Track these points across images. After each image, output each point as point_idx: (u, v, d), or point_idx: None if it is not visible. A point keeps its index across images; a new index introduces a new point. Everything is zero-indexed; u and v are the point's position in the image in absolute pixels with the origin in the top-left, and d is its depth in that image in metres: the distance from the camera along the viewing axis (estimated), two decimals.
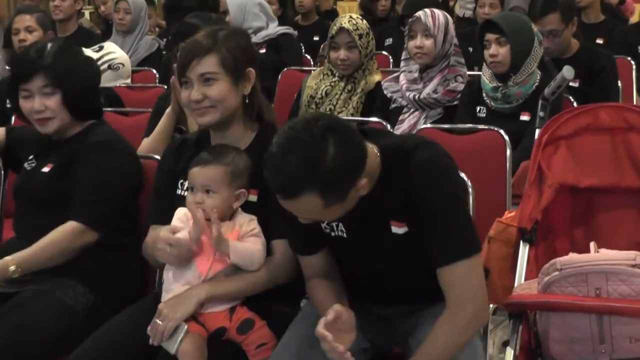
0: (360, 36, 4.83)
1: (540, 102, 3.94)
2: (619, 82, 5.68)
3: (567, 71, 3.87)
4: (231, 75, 3.02)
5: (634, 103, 5.98)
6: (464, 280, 2.64)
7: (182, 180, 3.13)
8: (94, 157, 3.33)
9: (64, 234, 3.25)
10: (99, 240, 3.30)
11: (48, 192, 3.35)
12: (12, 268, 3.18)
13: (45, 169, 3.40)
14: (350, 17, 4.76)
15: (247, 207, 3.01)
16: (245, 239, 2.94)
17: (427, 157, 2.67)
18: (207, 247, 2.91)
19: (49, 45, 3.44)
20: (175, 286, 2.93)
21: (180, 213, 3.01)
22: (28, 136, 3.59)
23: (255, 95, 3.12)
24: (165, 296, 2.95)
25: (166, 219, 3.02)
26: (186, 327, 2.82)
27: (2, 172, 3.95)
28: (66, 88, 3.35)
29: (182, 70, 3.03)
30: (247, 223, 2.97)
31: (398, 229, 2.72)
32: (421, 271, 2.72)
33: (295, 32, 6.99)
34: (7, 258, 3.19)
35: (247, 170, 2.99)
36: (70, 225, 3.27)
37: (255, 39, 6.28)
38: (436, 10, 4.99)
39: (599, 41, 6.99)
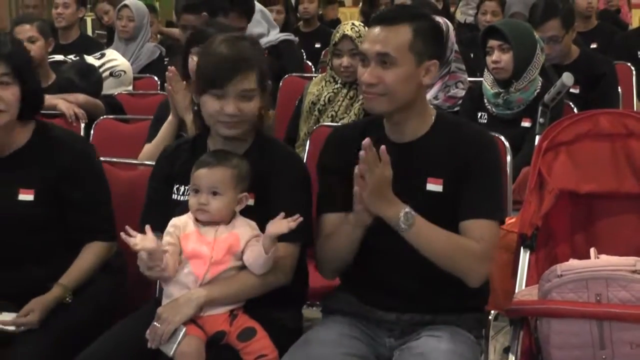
0: None
1: (540, 108, 3.95)
2: (619, 87, 5.69)
3: (567, 78, 3.88)
4: (262, 92, 3.04)
5: (635, 108, 5.99)
6: (483, 234, 2.88)
7: (177, 185, 3.13)
8: (82, 174, 3.26)
9: (98, 256, 3.28)
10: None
11: (35, 220, 3.24)
12: (68, 299, 3.21)
13: (25, 197, 3.22)
14: (353, 24, 4.76)
15: (245, 211, 3.02)
16: (253, 241, 2.95)
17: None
18: (203, 251, 2.92)
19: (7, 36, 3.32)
20: (174, 290, 2.94)
21: (169, 227, 2.99)
22: None
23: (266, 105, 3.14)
24: (165, 301, 2.96)
25: (160, 225, 3.00)
26: (184, 330, 2.83)
27: None
28: (25, 81, 3.20)
29: (219, 83, 2.97)
30: (250, 228, 2.98)
31: (434, 187, 2.92)
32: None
33: (297, 39, 6.99)
34: (60, 291, 3.17)
35: (248, 176, 3.01)
36: (99, 246, 3.28)
37: None
38: (436, 17, 4.99)
39: (593, 46, 7.02)
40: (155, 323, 2.85)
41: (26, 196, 3.23)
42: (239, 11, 5.54)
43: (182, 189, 3.11)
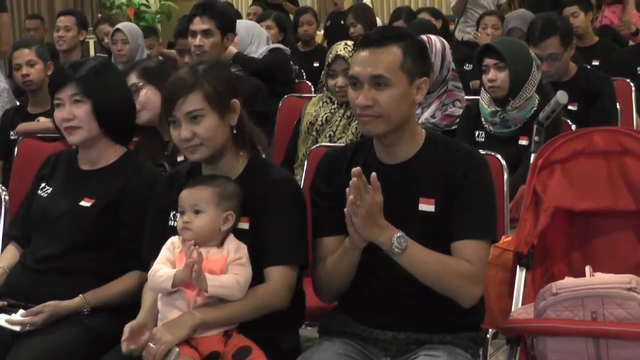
0: None
1: (535, 126, 3.96)
2: (618, 104, 5.69)
3: (561, 96, 3.88)
4: (217, 110, 3.04)
5: (634, 125, 5.99)
6: (475, 255, 2.90)
7: (174, 212, 3.15)
8: (141, 202, 3.33)
9: (135, 284, 3.31)
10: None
11: (89, 230, 3.38)
12: (85, 311, 3.27)
13: (84, 203, 3.41)
14: (346, 44, 4.78)
15: (239, 235, 3.03)
16: (230, 267, 2.96)
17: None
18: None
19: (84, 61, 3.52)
20: (167, 313, 2.96)
21: (169, 242, 3.04)
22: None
23: (243, 124, 3.14)
24: (159, 323, 2.97)
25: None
26: (177, 350, 2.84)
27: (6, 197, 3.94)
28: (96, 98, 3.40)
29: (169, 110, 3.04)
30: (235, 251, 2.99)
31: (426, 207, 2.94)
32: None
33: (287, 49, 6.98)
34: (79, 302, 3.26)
35: (235, 195, 3.03)
36: (136, 275, 3.32)
37: None
38: (432, 37, 5.02)
39: (595, 63, 7.03)
40: (150, 344, 2.86)
41: (86, 203, 3.41)
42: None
43: (178, 216, 3.12)
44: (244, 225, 3.04)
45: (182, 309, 2.93)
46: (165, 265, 2.96)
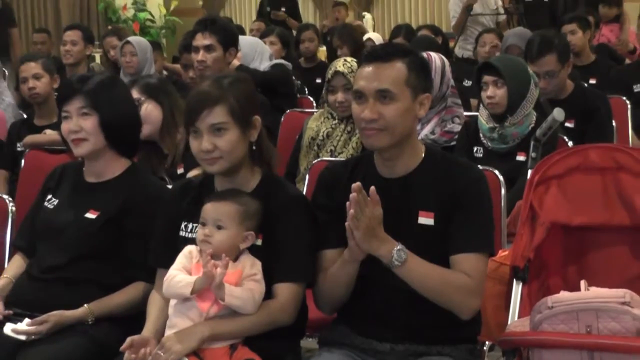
0: None
1: (532, 142, 3.97)
2: (614, 121, 5.70)
3: (558, 113, 3.89)
4: (239, 124, 3.04)
5: (630, 142, 6.00)
6: (473, 268, 2.92)
7: (185, 222, 3.16)
8: (146, 214, 3.34)
9: (139, 295, 3.32)
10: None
11: (94, 241, 3.38)
12: (90, 321, 3.28)
13: (90, 215, 3.41)
14: (345, 60, 4.80)
15: (253, 251, 3.04)
16: (245, 282, 2.97)
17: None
18: (208, 287, 2.93)
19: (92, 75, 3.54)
20: (178, 322, 2.96)
21: (186, 250, 3.04)
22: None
23: (261, 141, 3.15)
24: (168, 331, 2.98)
25: (170, 262, 3.05)
26: None
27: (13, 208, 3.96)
28: (103, 111, 3.41)
29: (191, 120, 3.04)
30: (250, 266, 3.00)
31: (426, 220, 2.95)
32: None
33: (289, 64, 7.01)
34: (84, 312, 3.27)
35: (257, 215, 3.03)
36: (141, 286, 3.33)
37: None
38: (432, 54, 5.03)
39: (592, 81, 7.04)
40: (158, 351, 2.86)
41: (91, 215, 3.41)
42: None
43: (190, 226, 3.14)
44: (257, 241, 3.05)
45: (194, 319, 2.94)
46: (182, 272, 2.97)
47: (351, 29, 8.82)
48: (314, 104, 6.78)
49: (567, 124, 5.24)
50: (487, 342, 3.24)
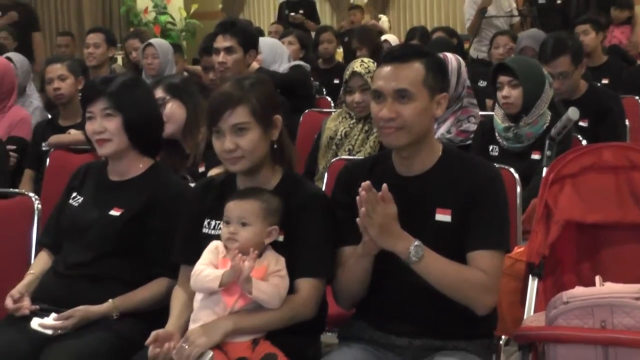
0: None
1: (547, 141, 3.97)
2: (627, 120, 5.70)
3: (572, 112, 3.90)
4: (261, 124, 3.06)
5: None
6: (490, 265, 2.92)
7: (208, 220, 3.18)
8: (168, 211, 3.36)
9: (162, 290, 3.33)
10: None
11: (118, 238, 3.39)
12: (114, 316, 3.30)
13: (114, 213, 3.42)
14: (362, 61, 4.80)
15: (275, 247, 3.06)
16: (270, 277, 2.98)
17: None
18: (235, 281, 2.95)
19: (115, 77, 3.56)
20: (202, 316, 2.98)
21: (212, 246, 3.05)
22: None
23: (282, 140, 3.16)
24: (192, 325, 2.99)
25: (193, 258, 3.07)
26: (211, 354, 2.86)
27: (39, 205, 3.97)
28: (126, 112, 3.43)
29: (214, 121, 3.06)
30: (275, 263, 3.01)
31: (442, 217, 2.95)
32: None
33: (308, 65, 7.02)
34: (109, 307, 3.29)
35: (279, 211, 3.05)
36: (165, 282, 3.34)
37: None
38: (448, 55, 5.03)
39: (605, 81, 7.03)
40: (183, 344, 2.88)
41: (115, 212, 3.42)
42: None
43: (212, 223, 3.16)
44: (280, 238, 3.06)
45: (219, 313, 2.95)
46: (209, 267, 2.98)
47: (370, 31, 8.83)
48: (332, 104, 6.78)
49: (580, 124, 5.22)
50: (503, 337, 3.23)
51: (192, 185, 3.61)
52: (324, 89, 7.76)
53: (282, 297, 2.96)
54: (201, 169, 4.19)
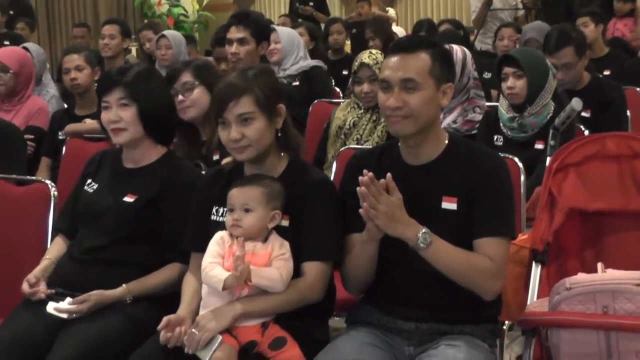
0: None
1: (551, 131, 3.96)
2: (629, 111, 5.68)
3: (576, 103, 3.89)
4: (265, 113, 3.06)
5: None
6: (496, 251, 2.92)
7: (217, 207, 3.18)
8: (181, 198, 3.35)
9: (174, 275, 3.33)
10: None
11: (132, 223, 3.39)
12: (128, 300, 3.30)
13: (128, 199, 3.43)
14: (370, 52, 4.79)
15: (280, 232, 3.05)
16: (275, 261, 2.98)
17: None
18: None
19: (131, 67, 3.56)
20: (210, 301, 2.98)
21: (218, 236, 3.05)
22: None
23: (287, 128, 3.17)
24: (202, 311, 3.00)
25: (203, 246, 3.07)
26: (221, 338, 2.87)
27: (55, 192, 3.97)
28: (141, 102, 3.43)
29: (220, 111, 3.06)
30: (279, 247, 3.01)
31: (449, 205, 2.95)
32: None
33: (326, 66, 7.03)
34: (122, 292, 3.29)
35: (281, 195, 3.04)
36: (177, 267, 3.34)
37: (289, 71, 6.34)
38: (454, 46, 5.03)
39: (607, 72, 7.01)
40: (193, 330, 2.89)
41: (130, 199, 3.43)
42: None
43: (220, 210, 3.16)
44: (285, 222, 3.06)
45: (227, 299, 2.95)
46: (216, 260, 2.97)
47: (383, 22, 8.81)
48: (341, 95, 6.77)
49: (583, 114, 5.22)
50: (507, 322, 3.22)
51: (204, 173, 3.60)
52: (333, 80, 7.75)
53: (284, 280, 2.96)
54: (215, 157, 4.19)
